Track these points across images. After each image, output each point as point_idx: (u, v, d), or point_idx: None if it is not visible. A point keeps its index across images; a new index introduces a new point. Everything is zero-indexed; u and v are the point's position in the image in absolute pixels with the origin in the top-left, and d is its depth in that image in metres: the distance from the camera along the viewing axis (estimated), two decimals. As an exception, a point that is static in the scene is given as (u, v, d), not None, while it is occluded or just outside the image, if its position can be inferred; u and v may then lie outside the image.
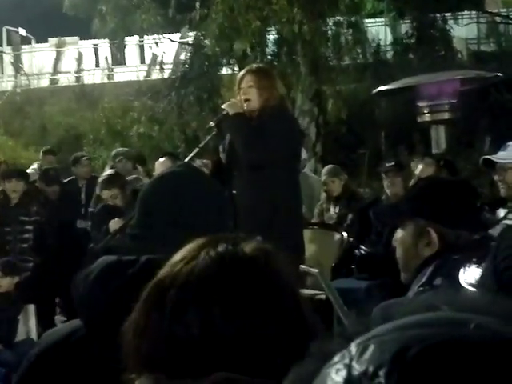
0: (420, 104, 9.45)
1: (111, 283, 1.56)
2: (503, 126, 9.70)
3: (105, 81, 19.31)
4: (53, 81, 19.68)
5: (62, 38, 20.34)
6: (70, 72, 19.57)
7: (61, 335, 1.66)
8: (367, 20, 14.55)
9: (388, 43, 15.37)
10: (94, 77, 19.51)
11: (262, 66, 5.11)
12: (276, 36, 12.85)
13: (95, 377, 1.51)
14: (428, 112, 9.35)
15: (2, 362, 5.62)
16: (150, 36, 15.85)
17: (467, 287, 2.34)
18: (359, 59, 13.44)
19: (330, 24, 12.67)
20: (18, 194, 6.80)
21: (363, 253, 6.02)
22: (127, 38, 17.22)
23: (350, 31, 12.93)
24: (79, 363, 1.57)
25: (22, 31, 21.90)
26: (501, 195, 3.80)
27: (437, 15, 13.85)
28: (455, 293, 0.64)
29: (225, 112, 4.42)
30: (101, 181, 6.27)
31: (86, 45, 20.32)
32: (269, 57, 12.67)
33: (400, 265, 2.83)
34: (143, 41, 18.63)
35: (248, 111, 4.38)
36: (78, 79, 19.38)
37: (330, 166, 7.35)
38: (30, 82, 19.16)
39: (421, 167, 6.56)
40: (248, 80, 4.40)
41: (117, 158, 7.69)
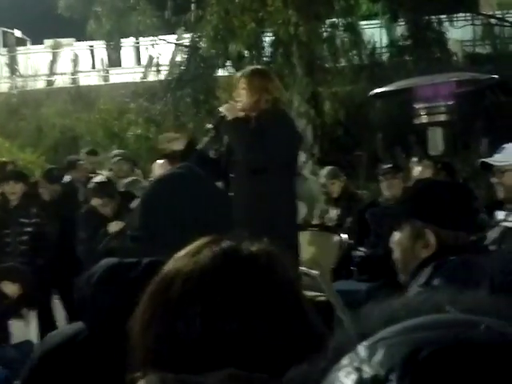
0: (416, 106, 9.48)
1: (114, 285, 1.57)
2: (499, 128, 9.71)
3: (101, 82, 19.26)
4: (49, 82, 19.62)
5: (58, 40, 20.28)
6: (66, 74, 19.52)
7: (64, 337, 1.67)
8: (362, 22, 14.54)
9: (383, 45, 15.38)
10: (90, 78, 19.46)
11: (259, 68, 5.12)
12: (272, 38, 12.85)
13: (98, 378, 1.52)
14: (424, 114, 9.37)
15: (3, 359, 5.58)
16: (146, 38, 15.84)
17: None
18: (355, 61, 13.45)
19: (326, 26, 12.69)
20: (17, 196, 6.78)
21: (362, 254, 6.01)
22: (123, 40, 17.17)
23: (346, 33, 12.95)
24: (82, 365, 1.57)
25: (18, 33, 21.88)
26: (498, 197, 3.81)
27: (432, 17, 13.86)
28: (456, 293, 0.65)
29: (222, 115, 4.45)
30: (92, 187, 6.19)
31: (82, 46, 20.27)
32: (265, 58, 12.67)
33: (398, 266, 2.84)
34: (139, 42, 18.61)
35: (242, 111, 4.43)
36: (74, 81, 19.33)
37: (330, 168, 7.29)
38: (26, 84, 19.10)
39: (419, 169, 6.56)
40: (242, 82, 4.49)
41: (114, 160, 7.66)
